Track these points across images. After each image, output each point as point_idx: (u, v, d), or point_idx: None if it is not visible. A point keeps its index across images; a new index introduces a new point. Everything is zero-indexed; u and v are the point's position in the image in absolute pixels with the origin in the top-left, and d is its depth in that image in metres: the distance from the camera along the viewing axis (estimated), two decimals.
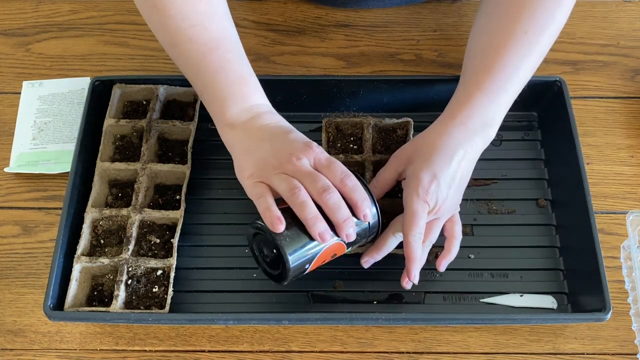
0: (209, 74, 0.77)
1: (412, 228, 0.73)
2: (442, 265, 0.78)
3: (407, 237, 0.73)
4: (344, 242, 0.71)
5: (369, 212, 0.71)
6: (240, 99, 0.76)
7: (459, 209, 0.80)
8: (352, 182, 0.71)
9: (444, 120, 0.78)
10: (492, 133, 0.78)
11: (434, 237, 0.78)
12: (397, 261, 0.81)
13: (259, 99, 0.77)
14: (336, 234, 0.70)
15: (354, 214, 0.71)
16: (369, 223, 0.72)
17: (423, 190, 0.74)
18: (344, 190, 0.70)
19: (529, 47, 0.77)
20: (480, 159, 0.77)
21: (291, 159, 0.70)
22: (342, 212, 0.69)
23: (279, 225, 0.68)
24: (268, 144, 0.73)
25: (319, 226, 0.68)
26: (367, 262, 0.78)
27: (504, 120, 0.78)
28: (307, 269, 0.71)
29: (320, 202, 0.69)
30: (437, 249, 0.81)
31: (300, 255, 0.70)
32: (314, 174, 0.70)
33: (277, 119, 0.76)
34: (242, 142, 0.74)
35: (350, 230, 0.70)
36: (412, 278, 0.74)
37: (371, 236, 0.75)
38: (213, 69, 0.76)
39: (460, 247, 0.82)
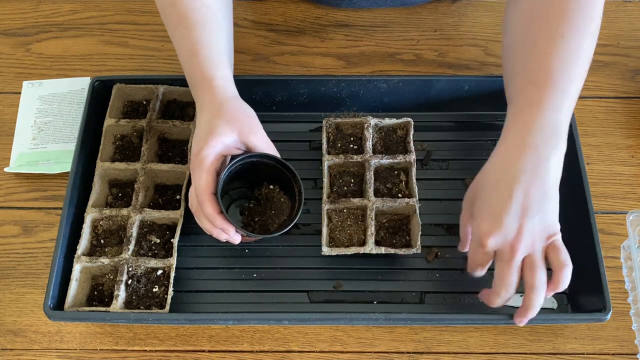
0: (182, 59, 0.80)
1: (470, 270, 0.74)
2: (532, 306, 0.71)
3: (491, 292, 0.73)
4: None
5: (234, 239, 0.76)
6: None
7: (555, 232, 0.71)
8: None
9: (499, 148, 0.73)
10: (562, 143, 0.71)
11: (537, 274, 0.70)
12: (396, 261, 0.81)
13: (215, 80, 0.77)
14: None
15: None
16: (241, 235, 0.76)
17: (479, 238, 0.70)
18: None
19: (572, 50, 0.73)
20: (480, 159, 0.77)
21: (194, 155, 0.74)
22: (216, 232, 0.75)
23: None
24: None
25: (221, 237, 0.75)
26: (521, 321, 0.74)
27: (504, 120, 0.78)
28: None
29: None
30: (437, 250, 0.81)
31: None
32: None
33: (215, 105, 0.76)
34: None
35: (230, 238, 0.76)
36: (517, 322, 0.73)
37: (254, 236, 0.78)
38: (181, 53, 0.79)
39: None
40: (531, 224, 0.69)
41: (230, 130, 0.73)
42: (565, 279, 0.70)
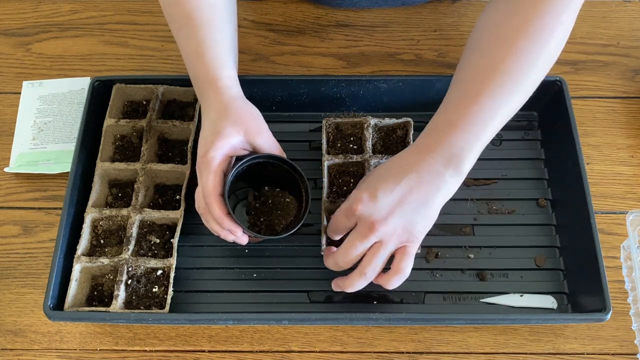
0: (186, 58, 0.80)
1: (328, 232, 0.77)
2: (387, 285, 0.73)
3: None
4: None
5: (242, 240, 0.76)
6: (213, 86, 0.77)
7: (413, 240, 0.72)
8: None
9: (407, 149, 0.75)
10: (464, 168, 0.72)
11: (374, 262, 0.71)
12: None
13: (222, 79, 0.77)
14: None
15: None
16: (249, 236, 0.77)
17: (350, 202, 0.72)
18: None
19: (511, 80, 0.72)
20: (480, 159, 0.77)
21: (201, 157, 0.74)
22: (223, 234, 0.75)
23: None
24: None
25: (228, 238, 0.76)
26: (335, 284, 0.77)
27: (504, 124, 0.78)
28: None
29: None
30: (437, 250, 0.82)
31: None
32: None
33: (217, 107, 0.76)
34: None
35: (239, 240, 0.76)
36: (333, 285, 0.76)
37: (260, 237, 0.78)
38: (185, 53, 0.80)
39: (461, 246, 0.82)
40: (400, 218, 0.70)
41: (237, 131, 0.73)
42: (393, 283, 0.72)
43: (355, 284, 0.73)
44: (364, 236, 0.71)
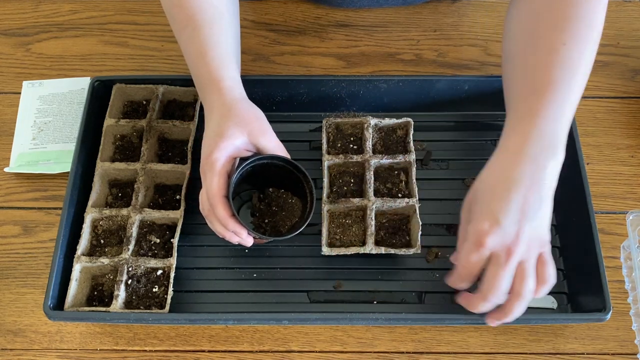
0: (189, 60, 0.80)
1: (456, 281, 0.72)
2: (512, 313, 0.70)
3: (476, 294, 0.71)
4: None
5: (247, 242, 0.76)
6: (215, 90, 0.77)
7: (547, 242, 0.70)
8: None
9: (497, 154, 0.72)
10: (560, 152, 0.70)
11: (526, 283, 0.68)
12: (397, 261, 0.81)
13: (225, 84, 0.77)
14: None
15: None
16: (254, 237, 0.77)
17: (475, 238, 0.68)
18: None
19: (574, 58, 0.72)
20: (480, 159, 0.77)
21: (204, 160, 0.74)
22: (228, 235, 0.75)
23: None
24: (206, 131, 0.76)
25: (233, 240, 0.75)
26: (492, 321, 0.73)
27: (504, 120, 0.78)
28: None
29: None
30: (437, 250, 0.81)
31: None
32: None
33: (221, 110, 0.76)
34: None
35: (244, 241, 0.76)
36: (489, 321, 0.72)
37: (266, 238, 0.78)
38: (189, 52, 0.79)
39: None
40: (529, 229, 0.67)
41: (240, 132, 0.73)
42: (543, 294, 0.70)
43: (518, 311, 0.70)
44: (506, 265, 0.67)
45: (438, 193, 0.86)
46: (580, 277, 0.78)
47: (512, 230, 0.67)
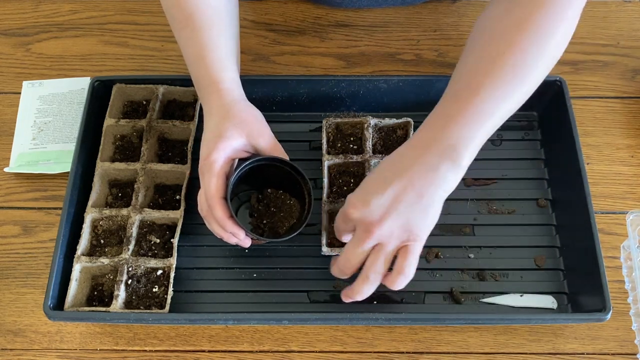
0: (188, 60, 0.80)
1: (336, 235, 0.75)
2: (392, 285, 0.71)
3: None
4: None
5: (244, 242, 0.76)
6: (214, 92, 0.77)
7: (414, 240, 0.70)
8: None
9: (402, 145, 0.73)
10: (464, 160, 0.69)
11: (376, 266, 0.70)
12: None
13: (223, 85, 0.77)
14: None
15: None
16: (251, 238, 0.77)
17: (344, 208, 0.71)
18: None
19: (513, 75, 0.70)
20: (480, 159, 0.77)
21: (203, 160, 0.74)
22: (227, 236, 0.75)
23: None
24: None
25: (231, 241, 0.75)
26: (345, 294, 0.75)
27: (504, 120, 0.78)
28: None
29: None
30: (437, 250, 0.82)
31: None
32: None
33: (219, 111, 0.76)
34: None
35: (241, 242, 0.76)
36: (342, 296, 0.75)
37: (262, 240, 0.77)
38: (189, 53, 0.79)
39: (461, 247, 0.82)
40: (395, 218, 0.68)
41: (239, 133, 0.73)
42: (397, 284, 0.71)
43: (362, 290, 0.72)
44: (362, 241, 0.69)
45: None
46: (580, 277, 0.78)
47: (378, 212, 0.69)
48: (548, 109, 0.89)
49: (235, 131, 0.73)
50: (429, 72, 0.97)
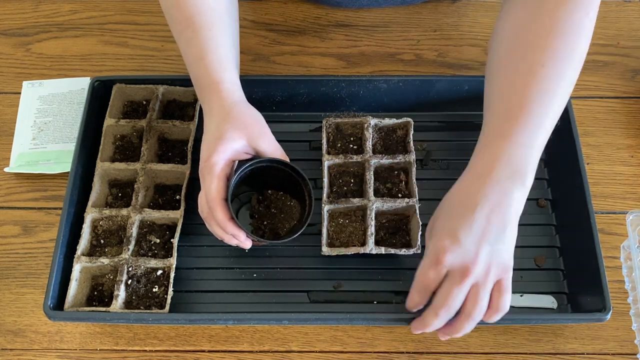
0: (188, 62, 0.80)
1: (412, 296, 0.71)
2: (458, 331, 0.70)
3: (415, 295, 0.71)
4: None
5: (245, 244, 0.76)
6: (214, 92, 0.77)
7: (508, 269, 0.69)
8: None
9: (465, 175, 0.72)
10: (528, 179, 0.69)
11: (479, 305, 0.68)
12: (396, 261, 0.81)
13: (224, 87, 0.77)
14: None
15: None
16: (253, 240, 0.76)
17: (434, 255, 0.68)
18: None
19: (552, 81, 0.70)
20: None
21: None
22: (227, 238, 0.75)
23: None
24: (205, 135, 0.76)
25: (232, 242, 0.75)
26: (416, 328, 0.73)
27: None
28: None
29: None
30: None
31: None
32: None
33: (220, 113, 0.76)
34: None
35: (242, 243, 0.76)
36: (413, 329, 0.73)
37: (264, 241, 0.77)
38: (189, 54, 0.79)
39: None
40: (489, 251, 0.67)
41: (239, 135, 0.73)
42: (494, 320, 0.70)
43: (464, 329, 0.70)
44: (461, 283, 0.67)
45: (438, 193, 0.85)
46: (580, 277, 0.78)
47: (472, 250, 0.67)
48: None
49: (236, 133, 0.73)
50: (429, 72, 0.97)
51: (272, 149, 0.76)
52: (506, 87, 0.72)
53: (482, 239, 0.67)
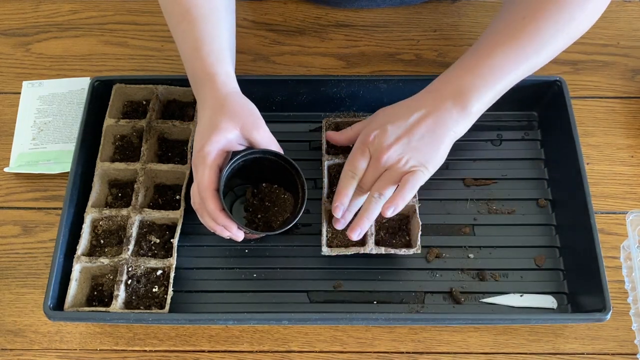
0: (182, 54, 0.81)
1: (346, 164, 0.79)
2: (385, 211, 0.75)
3: (342, 174, 0.79)
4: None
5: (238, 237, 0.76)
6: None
7: (423, 170, 0.75)
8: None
9: (422, 91, 0.80)
10: (471, 106, 0.75)
11: (384, 189, 0.75)
12: (396, 261, 0.81)
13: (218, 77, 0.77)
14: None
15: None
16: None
17: (362, 137, 0.77)
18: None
19: (528, 54, 0.76)
20: (480, 159, 0.77)
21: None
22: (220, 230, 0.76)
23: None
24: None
25: (223, 234, 0.76)
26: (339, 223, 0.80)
27: (504, 120, 0.78)
28: None
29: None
30: (437, 250, 0.81)
31: None
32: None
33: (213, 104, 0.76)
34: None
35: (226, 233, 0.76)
36: (334, 211, 0.77)
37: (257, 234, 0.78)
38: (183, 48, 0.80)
39: (461, 247, 0.82)
40: (407, 143, 0.75)
41: (233, 125, 0.73)
42: (387, 214, 0.74)
43: (372, 208, 0.76)
44: (375, 165, 0.76)
45: (438, 193, 0.86)
46: (580, 277, 0.78)
47: (392, 138, 0.75)
48: (548, 109, 0.89)
49: (230, 123, 0.73)
50: (429, 72, 0.97)
51: (266, 140, 0.76)
52: (490, 32, 0.78)
53: (405, 133, 0.75)
